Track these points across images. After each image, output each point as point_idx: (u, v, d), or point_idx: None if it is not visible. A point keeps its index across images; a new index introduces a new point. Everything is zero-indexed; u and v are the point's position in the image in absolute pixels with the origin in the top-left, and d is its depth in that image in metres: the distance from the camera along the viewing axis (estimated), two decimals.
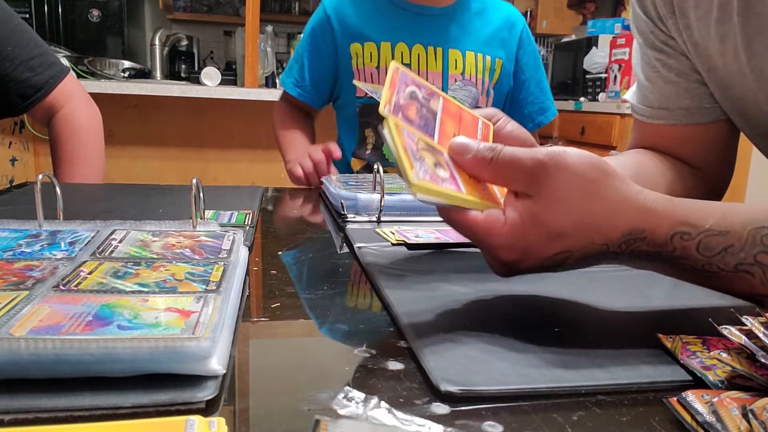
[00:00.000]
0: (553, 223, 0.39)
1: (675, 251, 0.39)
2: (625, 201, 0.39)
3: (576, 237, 0.39)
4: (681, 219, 0.39)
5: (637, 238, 0.39)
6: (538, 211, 0.39)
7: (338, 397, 0.26)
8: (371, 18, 1.14)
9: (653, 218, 0.39)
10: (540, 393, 0.32)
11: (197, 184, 0.56)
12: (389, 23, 1.13)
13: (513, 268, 0.41)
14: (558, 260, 0.40)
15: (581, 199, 0.39)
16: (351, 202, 0.73)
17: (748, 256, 0.39)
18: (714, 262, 0.39)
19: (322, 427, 0.25)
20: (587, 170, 0.39)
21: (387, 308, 0.44)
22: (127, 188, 0.89)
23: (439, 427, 0.26)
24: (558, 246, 0.39)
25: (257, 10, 2.51)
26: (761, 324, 0.32)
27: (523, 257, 0.40)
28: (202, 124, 2.67)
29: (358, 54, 1.14)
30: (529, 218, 0.39)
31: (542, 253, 0.39)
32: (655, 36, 0.71)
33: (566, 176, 0.39)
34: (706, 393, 0.30)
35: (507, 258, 0.40)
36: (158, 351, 0.30)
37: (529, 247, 0.39)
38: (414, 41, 1.13)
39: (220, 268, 0.44)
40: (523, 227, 0.39)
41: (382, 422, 0.25)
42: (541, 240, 0.39)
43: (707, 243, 0.39)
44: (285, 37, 3.77)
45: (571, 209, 0.38)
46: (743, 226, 0.39)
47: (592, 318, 0.44)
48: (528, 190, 0.39)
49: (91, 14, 2.95)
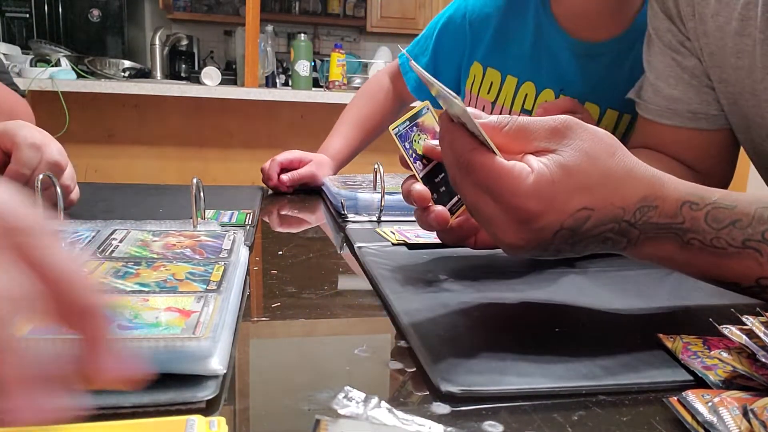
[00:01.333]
0: (580, 173, 0.38)
1: (684, 222, 0.40)
2: (639, 170, 0.40)
3: (599, 193, 0.39)
4: (689, 190, 0.40)
5: (650, 206, 0.39)
6: (565, 160, 0.38)
7: (338, 397, 0.26)
8: (506, 35, 0.92)
9: (663, 189, 0.40)
10: (540, 393, 0.32)
11: (198, 183, 0.56)
12: (526, 52, 0.89)
13: (531, 224, 0.39)
14: (578, 219, 0.39)
15: (604, 156, 0.39)
16: (351, 202, 0.73)
17: (756, 232, 0.39)
18: (722, 236, 0.40)
19: (322, 427, 0.25)
20: (604, 136, 0.40)
21: (387, 308, 0.44)
22: (128, 188, 0.89)
23: (440, 426, 0.26)
24: (582, 200, 0.38)
25: (257, 10, 2.51)
26: (762, 324, 0.32)
27: (546, 209, 0.38)
28: (202, 124, 2.67)
29: (476, 77, 0.97)
30: (557, 167, 0.38)
31: (567, 206, 0.38)
32: (672, 35, 0.70)
33: (589, 134, 0.40)
34: (706, 393, 0.30)
35: (533, 207, 0.38)
36: (159, 351, 0.30)
37: (555, 196, 0.38)
38: (545, 84, 0.89)
39: (220, 267, 0.44)
40: (551, 176, 0.38)
41: (383, 422, 0.25)
42: (568, 190, 0.38)
43: (715, 214, 0.40)
44: (285, 36, 3.78)
45: (597, 163, 0.39)
46: (749, 203, 0.40)
47: (592, 318, 0.44)
48: (552, 143, 0.39)
49: (92, 14, 2.95)
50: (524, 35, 0.89)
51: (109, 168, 2.57)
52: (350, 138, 1.10)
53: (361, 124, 1.12)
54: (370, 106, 1.13)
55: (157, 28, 3.06)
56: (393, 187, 0.78)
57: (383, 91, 1.13)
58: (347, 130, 1.11)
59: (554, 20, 0.86)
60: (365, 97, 1.15)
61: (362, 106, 1.14)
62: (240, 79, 2.73)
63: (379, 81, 1.14)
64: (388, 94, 1.13)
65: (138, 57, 3.35)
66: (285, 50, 3.55)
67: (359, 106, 1.14)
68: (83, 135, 2.51)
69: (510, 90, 0.92)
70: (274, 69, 2.85)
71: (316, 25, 3.97)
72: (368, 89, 1.16)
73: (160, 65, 2.97)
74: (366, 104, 1.13)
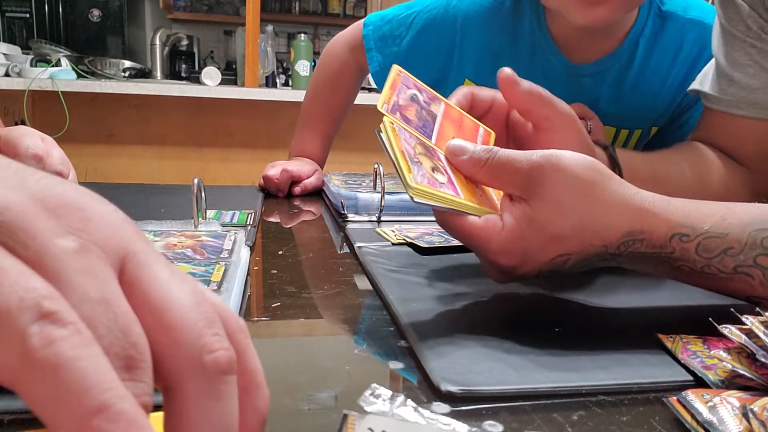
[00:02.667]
0: (551, 226, 0.38)
1: (674, 253, 0.39)
2: (623, 202, 0.39)
3: (574, 240, 0.38)
4: (679, 221, 0.39)
5: (636, 239, 0.39)
6: (535, 214, 0.38)
7: (365, 394, 0.27)
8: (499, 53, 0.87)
9: (651, 220, 0.39)
10: (540, 393, 0.32)
11: (199, 184, 0.56)
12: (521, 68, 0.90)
13: (511, 274, 0.41)
14: (557, 264, 0.39)
15: (578, 201, 0.38)
16: (351, 202, 0.73)
17: (748, 258, 0.38)
18: (713, 264, 0.39)
19: (349, 423, 0.25)
20: (583, 172, 0.39)
21: (387, 308, 0.44)
22: (128, 188, 0.89)
23: (464, 426, 0.26)
24: (557, 249, 0.39)
25: (257, 10, 2.51)
26: (761, 323, 0.32)
27: (521, 263, 0.40)
28: (202, 124, 2.67)
29: None
30: (527, 222, 0.39)
31: (541, 257, 0.39)
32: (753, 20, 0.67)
33: (562, 178, 0.38)
34: (706, 392, 0.30)
35: (506, 263, 0.40)
36: None
37: (527, 251, 0.39)
38: None
39: (221, 268, 0.44)
40: (521, 232, 0.39)
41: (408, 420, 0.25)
42: (540, 244, 0.39)
43: (706, 245, 0.39)
44: (285, 36, 3.77)
45: (569, 212, 0.38)
46: (743, 228, 0.39)
47: (592, 318, 0.44)
48: (524, 193, 0.39)
49: (92, 14, 2.95)
50: (519, 56, 0.85)
51: (109, 168, 2.57)
52: (324, 134, 1.08)
53: (333, 119, 1.09)
54: (337, 95, 1.08)
55: (158, 28, 3.06)
56: (393, 186, 0.78)
57: (346, 73, 1.06)
58: (322, 126, 1.08)
59: (551, 40, 0.83)
60: (330, 83, 1.08)
61: (330, 95, 1.08)
62: (240, 79, 2.73)
63: (339, 57, 1.05)
64: (350, 72, 1.06)
65: (138, 57, 3.35)
66: (285, 50, 3.55)
67: (326, 95, 1.08)
68: (83, 135, 2.51)
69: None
70: (274, 69, 2.85)
71: (316, 25, 3.97)
72: (329, 68, 1.08)
73: (161, 65, 2.97)
74: (333, 93, 1.08)
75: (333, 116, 1.09)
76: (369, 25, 1.00)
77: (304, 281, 0.52)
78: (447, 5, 0.93)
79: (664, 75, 0.82)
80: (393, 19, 0.98)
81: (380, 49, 0.98)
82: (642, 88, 0.82)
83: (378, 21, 0.99)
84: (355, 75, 1.07)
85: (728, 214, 0.40)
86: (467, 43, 0.91)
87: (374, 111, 0.42)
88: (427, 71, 0.94)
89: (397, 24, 0.98)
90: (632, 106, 0.83)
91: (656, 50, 0.81)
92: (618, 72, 0.82)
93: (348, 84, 1.08)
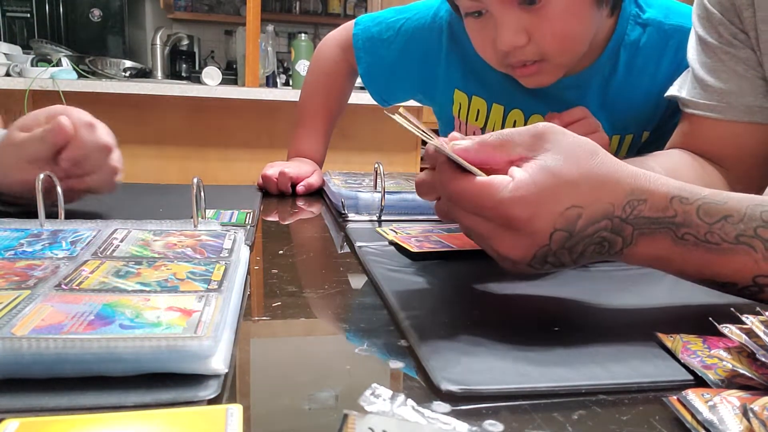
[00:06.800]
0: (564, 172, 0.39)
1: (677, 216, 0.40)
2: (623, 167, 0.41)
3: (584, 187, 0.39)
4: (677, 186, 0.41)
5: (639, 199, 0.40)
6: (547, 163, 0.39)
7: (365, 394, 0.27)
8: (481, 71, 0.88)
9: (651, 183, 0.41)
10: (540, 392, 0.32)
11: (198, 183, 0.56)
12: (506, 80, 0.84)
13: (524, 230, 0.39)
14: (570, 219, 0.39)
15: (584, 156, 0.40)
16: (352, 202, 0.73)
17: (748, 228, 0.39)
18: (715, 231, 0.40)
19: (349, 422, 0.25)
20: (584, 141, 0.41)
21: (387, 307, 0.44)
22: (128, 188, 0.89)
23: (464, 425, 0.26)
24: (569, 198, 0.39)
25: (258, 10, 2.51)
26: (761, 323, 0.32)
27: (534, 213, 0.38)
28: (202, 124, 2.67)
29: (462, 105, 0.94)
30: (538, 169, 0.39)
31: (554, 206, 0.39)
32: (725, 28, 0.69)
33: (569, 139, 0.41)
34: (706, 392, 0.30)
35: (518, 214, 0.38)
36: (160, 350, 0.30)
37: (540, 198, 0.38)
38: (532, 110, 0.87)
39: (221, 267, 0.44)
40: (532, 178, 0.39)
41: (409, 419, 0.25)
42: (553, 190, 0.39)
43: (707, 209, 0.40)
44: (286, 36, 3.78)
45: (580, 163, 0.40)
46: (739, 201, 0.40)
47: (592, 317, 0.44)
48: (532, 151, 0.40)
49: (92, 14, 2.95)
50: (501, 73, 0.83)
51: None
52: (321, 133, 1.09)
53: (329, 118, 1.09)
54: (332, 95, 1.09)
55: (158, 27, 3.07)
56: (393, 186, 0.78)
57: (339, 73, 1.07)
58: (318, 126, 1.08)
59: None
60: (323, 83, 1.08)
61: (324, 96, 1.09)
62: (241, 79, 2.73)
63: (331, 57, 1.06)
64: (343, 72, 1.07)
65: (139, 57, 3.36)
66: (286, 50, 3.55)
67: (321, 95, 1.09)
68: None
69: (498, 117, 0.91)
70: (274, 69, 2.85)
71: (316, 24, 3.97)
72: (323, 69, 1.08)
73: (161, 65, 2.97)
74: (328, 93, 1.09)
75: (329, 115, 1.10)
76: (359, 24, 1.01)
77: (305, 281, 0.52)
78: (435, 15, 0.94)
79: (650, 80, 0.83)
80: (383, 22, 0.99)
81: (368, 50, 0.99)
82: (628, 95, 0.84)
83: (368, 22, 1.00)
84: (348, 74, 1.08)
85: (722, 191, 0.41)
86: (453, 55, 0.92)
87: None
88: (416, 78, 0.98)
89: (386, 27, 0.98)
90: (620, 112, 0.85)
91: (639, 57, 0.82)
92: (601, 80, 0.83)
93: (341, 83, 1.09)
